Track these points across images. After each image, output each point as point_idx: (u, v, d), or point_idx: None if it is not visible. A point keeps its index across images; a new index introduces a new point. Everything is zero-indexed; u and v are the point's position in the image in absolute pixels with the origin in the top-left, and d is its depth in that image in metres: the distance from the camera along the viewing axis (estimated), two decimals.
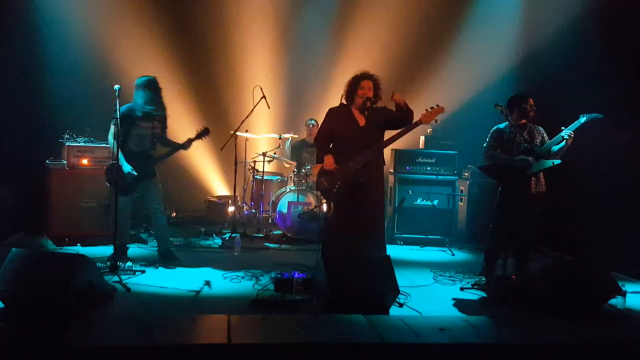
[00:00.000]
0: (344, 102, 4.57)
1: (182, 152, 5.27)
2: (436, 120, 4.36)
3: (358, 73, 4.49)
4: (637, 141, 5.30)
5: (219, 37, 7.97)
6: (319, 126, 4.75)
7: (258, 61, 8.07)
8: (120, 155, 4.88)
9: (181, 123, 6.67)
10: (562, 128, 4.63)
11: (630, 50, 5.54)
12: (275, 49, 8.11)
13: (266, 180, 7.15)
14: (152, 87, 5.03)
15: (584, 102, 4.86)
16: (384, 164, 4.57)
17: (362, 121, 4.46)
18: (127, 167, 4.95)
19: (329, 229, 4.63)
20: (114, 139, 4.78)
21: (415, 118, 4.32)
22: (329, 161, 4.40)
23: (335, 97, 4.69)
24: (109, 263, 4.65)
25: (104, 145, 5.93)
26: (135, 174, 4.96)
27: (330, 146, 4.55)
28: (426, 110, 4.32)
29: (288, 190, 6.62)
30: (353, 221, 4.35)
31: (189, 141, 5.14)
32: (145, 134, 5.08)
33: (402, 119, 4.43)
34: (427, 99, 4.52)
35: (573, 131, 4.59)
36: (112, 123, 4.79)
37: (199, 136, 5.18)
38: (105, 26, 7.26)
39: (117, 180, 4.67)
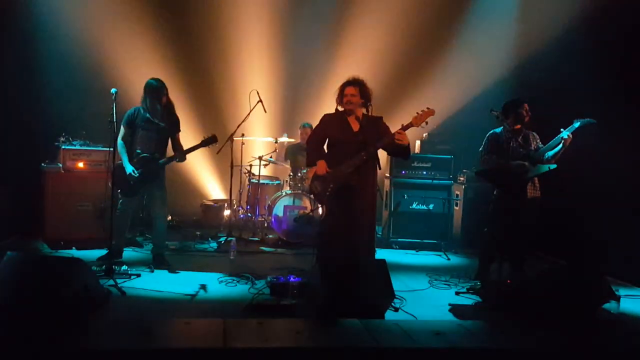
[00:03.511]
0: (339, 108, 4.60)
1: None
2: (426, 123, 4.37)
3: (345, 80, 4.52)
4: (631, 145, 5.32)
5: (216, 41, 7.98)
6: (312, 130, 4.77)
7: (254, 65, 8.09)
8: (125, 157, 5.02)
9: None
10: (562, 130, 4.65)
11: (627, 54, 5.56)
12: (272, 52, 8.12)
13: (262, 184, 7.17)
14: (147, 91, 5.04)
15: (579, 108, 4.89)
16: (380, 168, 4.58)
17: (355, 126, 4.48)
18: (129, 168, 4.99)
19: (321, 233, 4.64)
20: (122, 140, 5.04)
21: (406, 121, 4.34)
22: (321, 166, 4.42)
23: (332, 101, 4.70)
24: (103, 266, 4.64)
25: (100, 148, 5.96)
26: (136, 175, 4.97)
27: (324, 151, 4.57)
28: (417, 113, 4.34)
29: (284, 194, 6.62)
30: (344, 225, 4.36)
31: (192, 149, 5.13)
32: (150, 137, 5.07)
33: (395, 153, 4.72)
34: (423, 103, 4.52)
35: (570, 134, 4.61)
36: (122, 125, 5.03)
37: (205, 144, 5.14)
38: (102, 29, 7.26)
39: (119, 181, 4.84)
